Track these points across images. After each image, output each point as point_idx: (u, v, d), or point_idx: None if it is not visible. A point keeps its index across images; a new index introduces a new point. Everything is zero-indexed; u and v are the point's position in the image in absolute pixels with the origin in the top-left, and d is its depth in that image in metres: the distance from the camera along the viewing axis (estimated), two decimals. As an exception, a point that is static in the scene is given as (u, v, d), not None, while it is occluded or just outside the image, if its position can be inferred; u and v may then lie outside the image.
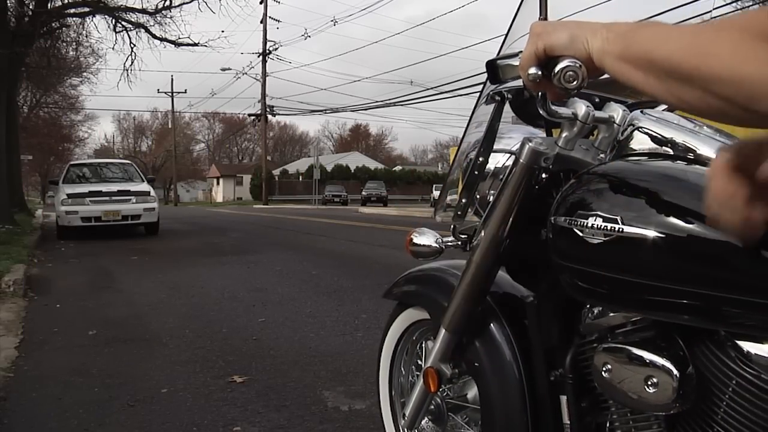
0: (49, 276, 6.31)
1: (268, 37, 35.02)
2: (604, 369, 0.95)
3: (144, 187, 11.57)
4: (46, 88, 26.69)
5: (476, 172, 1.21)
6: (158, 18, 15.49)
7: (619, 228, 0.88)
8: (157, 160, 59.63)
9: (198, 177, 67.16)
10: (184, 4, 15.33)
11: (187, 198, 64.07)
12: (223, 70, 35.65)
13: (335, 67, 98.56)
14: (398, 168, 56.68)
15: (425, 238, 1.35)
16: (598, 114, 1.06)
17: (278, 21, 35.52)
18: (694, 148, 0.94)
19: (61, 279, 6.11)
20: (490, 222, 1.16)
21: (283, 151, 76.15)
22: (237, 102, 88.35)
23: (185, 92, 48.33)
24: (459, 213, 1.26)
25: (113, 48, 25.48)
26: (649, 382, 0.88)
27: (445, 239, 1.34)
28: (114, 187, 11.25)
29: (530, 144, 1.08)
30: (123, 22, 15.49)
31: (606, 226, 0.90)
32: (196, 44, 16.19)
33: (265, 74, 35.60)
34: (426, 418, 1.49)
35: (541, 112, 1.01)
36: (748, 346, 0.80)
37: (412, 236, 1.38)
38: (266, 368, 3.07)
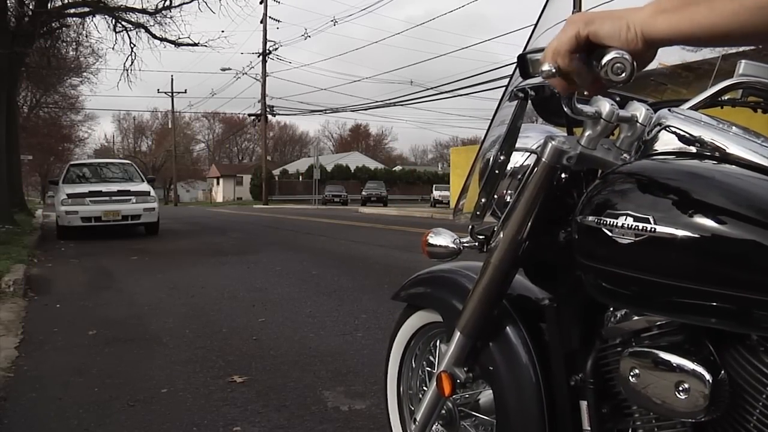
0: (49, 276, 6.31)
1: (268, 37, 35.02)
2: (631, 374, 0.92)
3: (144, 187, 11.57)
4: (46, 88, 26.68)
5: (497, 171, 1.18)
6: (158, 18, 15.50)
7: (651, 228, 0.86)
8: (157, 160, 59.62)
9: (198, 177, 67.13)
10: (184, 4, 15.34)
11: (187, 198, 64.06)
12: (223, 70, 35.64)
13: (335, 67, 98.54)
14: (398, 168, 56.70)
15: (442, 239, 1.31)
16: (622, 113, 1.03)
17: (278, 21, 35.51)
18: (722, 147, 0.92)
19: (61, 279, 6.11)
20: (509, 223, 1.14)
21: (283, 151, 76.16)
22: (237, 102, 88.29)
23: (185, 92, 48.32)
24: (478, 213, 1.22)
25: (113, 48, 25.53)
26: (680, 388, 0.85)
27: (462, 240, 1.29)
28: (114, 187, 11.25)
29: (553, 142, 1.05)
30: (123, 22, 15.49)
31: (637, 226, 0.87)
32: (196, 44, 16.19)
33: (265, 74, 35.60)
34: (437, 424, 1.44)
35: (565, 109, 0.98)
36: None
37: (428, 237, 1.33)
38: (266, 368, 3.07)
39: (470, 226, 1.26)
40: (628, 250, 0.89)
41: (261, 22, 34.53)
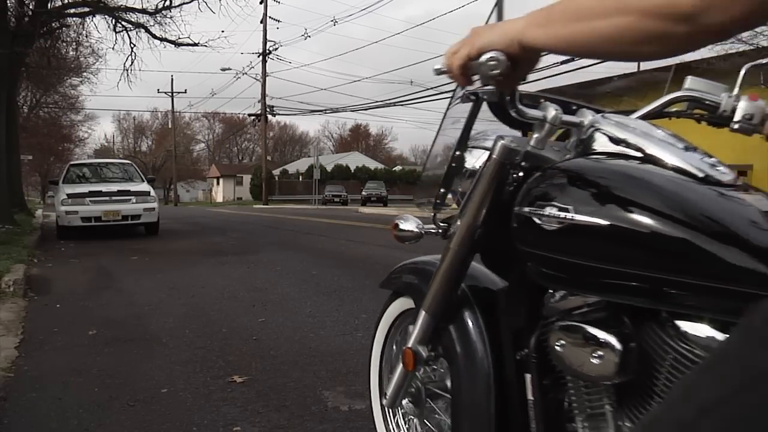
0: (49, 276, 6.31)
1: (268, 37, 35.00)
2: (557, 345, 1.06)
3: (144, 187, 11.57)
4: (46, 88, 26.66)
5: (453, 165, 1.31)
6: (158, 18, 15.48)
7: (570, 217, 1.00)
8: (157, 160, 59.61)
9: (198, 177, 67.12)
10: (184, 4, 15.33)
11: (187, 198, 64.06)
12: (223, 70, 35.62)
13: (335, 67, 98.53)
14: (398, 168, 56.66)
15: (408, 224, 1.48)
16: (567, 118, 1.17)
17: (278, 21, 35.48)
18: (643, 148, 1.03)
19: (61, 279, 6.11)
20: (466, 212, 1.26)
21: (283, 151, 76.15)
22: (237, 102, 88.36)
23: (185, 92, 48.35)
24: (438, 202, 1.37)
25: (113, 48, 25.50)
26: (594, 355, 0.99)
27: (426, 226, 1.45)
28: (114, 187, 11.25)
29: (502, 141, 1.19)
30: (123, 22, 15.48)
31: (559, 215, 1.02)
32: (196, 44, 16.18)
33: (265, 74, 35.59)
34: (406, 399, 1.58)
35: (510, 112, 1.15)
36: (684, 325, 0.90)
37: (397, 222, 1.50)
38: (266, 368, 3.07)
39: (433, 214, 1.39)
40: (554, 236, 1.04)
41: (261, 22, 34.53)
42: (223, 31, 53.36)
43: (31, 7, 13.97)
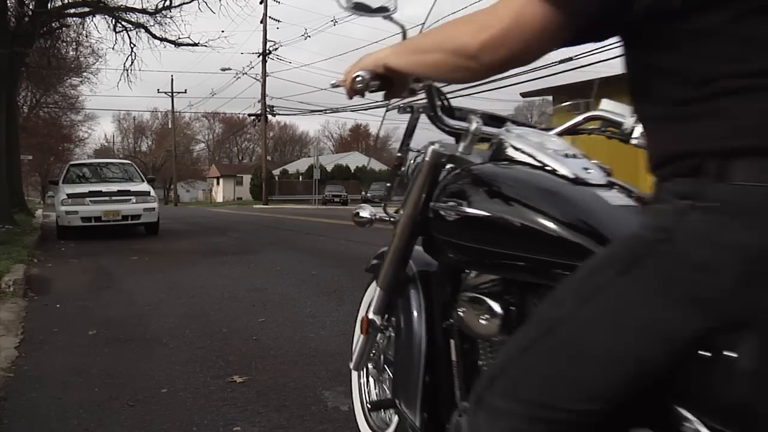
0: (49, 276, 6.31)
1: (268, 37, 34.98)
2: (461, 312, 1.33)
3: (144, 187, 11.57)
4: (46, 88, 26.67)
5: (397, 164, 1.61)
6: (158, 18, 15.50)
7: (463, 209, 1.27)
8: (157, 160, 59.62)
9: (198, 177, 67.12)
10: (184, 4, 15.35)
11: (187, 198, 64.06)
12: (223, 70, 35.60)
13: (335, 67, 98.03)
14: (398, 168, 56.52)
15: (364, 212, 1.77)
16: (486, 129, 1.41)
17: (278, 21, 35.45)
18: (535, 156, 1.26)
19: (61, 279, 6.11)
20: (407, 204, 1.50)
21: (283, 151, 76.12)
22: (237, 102, 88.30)
23: (185, 92, 48.29)
24: (386, 194, 1.71)
25: (113, 48, 25.59)
26: (482, 318, 1.24)
27: (378, 214, 1.73)
28: (114, 187, 11.25)
29: (433, 147, 1.45)
30: (123, 22, 15.49)
31: (457, 208, 1.29)
32: (196, 44, 16.19)
33: (265, 74, 35.58)
34: (370, 365, 1.91)
35: (436, 124, 1.44)
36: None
37: (357, 210, 1.79)
38: (266, 368, 3.07)
39: (383, 204, 1.70)
40: (454, 225, 1.31)
41: (261, 22, 34.52)
42: (223, 31, 53.39)
43: (31, 7, 13.98)
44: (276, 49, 35.22)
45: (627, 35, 0.87)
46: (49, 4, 14.07)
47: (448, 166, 1.45)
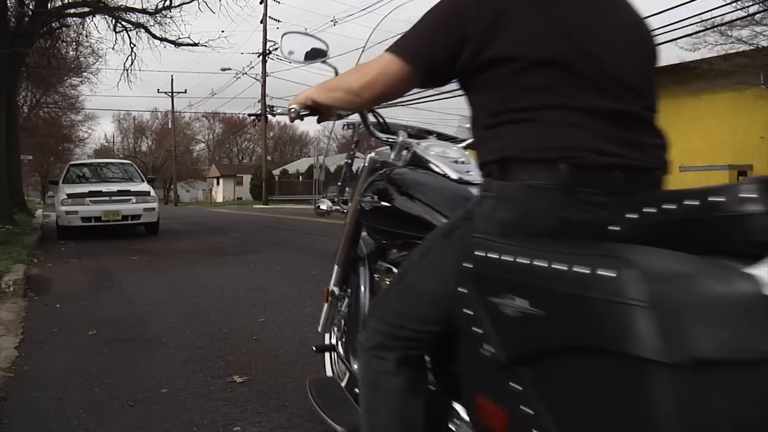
0: (49, 276, 6.31)
1: (268, 37, 34.95)
2: (377, 278, 1.93)
3: (144, 187, 11.56)
4: (46, 88, 26.62)
5: (346, 166, 2.24)
6: (158, 18, 15.47)
7: (376, 201, 1.77)
8: (157, 160, 59.56)
9: (198, 177, 67.05)
10: (184, 4, 15.31)
11: (187, 198, 64.02)
12: (223, 70, 35.54)
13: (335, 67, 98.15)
14: (398, 168, 56.52)
15: (323, 205, 2.30)
16: (409, 141, 1.79)
17: (278, 21, 35.38)
18: (433, 161, 1.69)
19: (61, 279, 6.11)
20: (354, 198, 1.95)
21: (283, 151, 76.02)
22: (237, 102, 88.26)
23: (185, 92, 48.17)
24: (339, 192, 2.36)
25: (113, 48, 25.53)
26: (386, 282, 1.75)
27: (334, 207, 2.29)
28: (114, 187, 11.24)
29: (370, 155, 1.98)
30: (123, 22, 15.46)
31: (372, 201, 1.80)
32: (196, 44, 16.16)
33: (265, 74, 35.55)
34: (334, 330, 2.31)
35: (373, 137, 1.87)
36: None
37: (318, 204, 2.33)
38: (266, 368, 3.07)
39: (336, 199, 2.29)
40: (371, 214, 1.83)
41: (261, 22, 34.48)
42: (223, 31, 53.31)
43: (31, 7, 13.96)
44: (276, 49, 35.18)
45: (459, 83, 1.28)
46: (49, 4, 14.04)
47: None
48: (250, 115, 38.79)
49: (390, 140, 1.81)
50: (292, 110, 1.51)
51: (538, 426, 0.95)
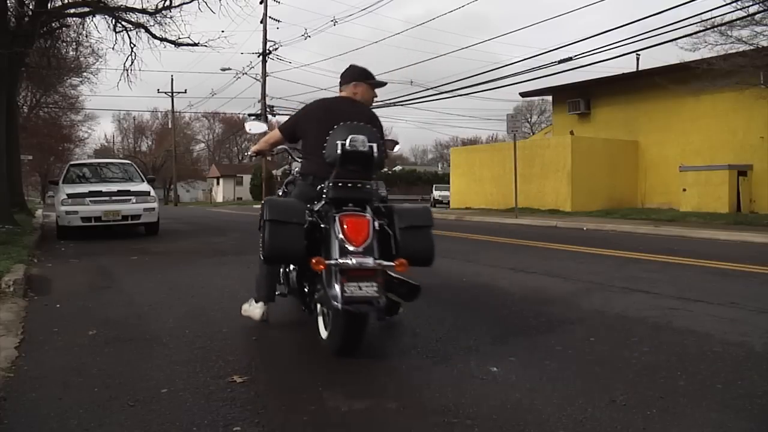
0: (49, 276, 6.31)
1: (268, 37, 34.93)
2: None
3: (144, 187, 11.56)
4: (46, 88, 26.64)
5: (289, 168, 4.33)
6: (158, 18, 15.43)
7: (281, 191, 4.26)
8: (157, 160, 59.58)
9: (198, 177, 67.10)
10: (184, 4, 15.27)
11: (187, 198, 64.04)
12: (223, 70, 35.55)
13: (335, 67, 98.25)
14: (398, 168, 56.64)
15: (280, 191, 4.41)
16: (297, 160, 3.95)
17: (278, 21, 35.40)
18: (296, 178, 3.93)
19: (61, 279, 6.11)
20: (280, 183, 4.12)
21: (283, 151, 76.00)
22: (237, 102, 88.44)
23: (185, 92, 48.42)
24: (284, 190, 4.24)
25: (113, 48, 25.54)
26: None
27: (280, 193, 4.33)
28: (114, 187, 11.23)
29: (294, 168, 4.00)
30: (123, 22, 15.44)
31: (283, 190, 4.19)
32: (196, 44, 16.13)
33: (265, 74, 35.54)
34: (317, 305, 3.57)
35: (294, 159, 4.02)
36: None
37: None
38: (266, 368, 3.07)
39: (284, 193, 4.14)
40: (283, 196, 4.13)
41: (261, 22, 34.46)
42: (223, 31, 53.44)
43: (31, 7, 13.94)
44: (276, 49, 35.16)
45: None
46: (49, 4, 14.03)
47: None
48: (250, 114, 38.74)
49: (294, 158, 3.94)
50: (251, 152, 3.03)
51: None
